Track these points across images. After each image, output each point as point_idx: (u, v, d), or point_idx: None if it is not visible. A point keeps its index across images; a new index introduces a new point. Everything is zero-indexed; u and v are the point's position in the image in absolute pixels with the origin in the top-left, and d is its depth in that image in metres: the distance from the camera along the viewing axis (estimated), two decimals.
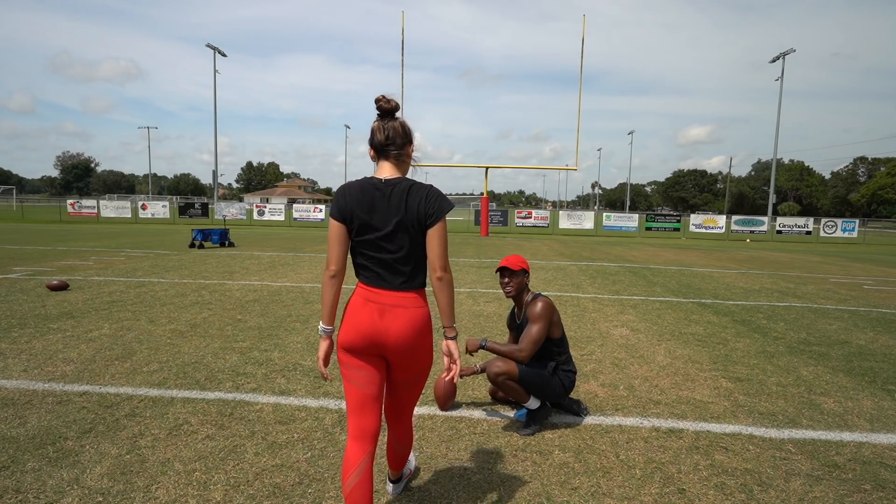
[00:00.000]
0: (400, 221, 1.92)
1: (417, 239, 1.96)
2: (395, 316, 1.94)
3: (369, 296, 1.96)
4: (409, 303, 1.97)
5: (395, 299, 1.95)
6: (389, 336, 1.94)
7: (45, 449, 2.78)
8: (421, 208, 1.94)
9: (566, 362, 3.34)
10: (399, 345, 1.96)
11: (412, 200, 1.93)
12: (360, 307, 1.96)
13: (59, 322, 5.46)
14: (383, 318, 1.94)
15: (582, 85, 23.61)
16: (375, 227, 1.94)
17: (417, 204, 1.94)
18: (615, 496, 2.50)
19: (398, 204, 1.93)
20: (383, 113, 2.00)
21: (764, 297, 8.40)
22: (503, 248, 16.88)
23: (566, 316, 6.45)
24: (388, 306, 1.94)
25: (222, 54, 40.54)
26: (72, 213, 29.33)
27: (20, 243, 14.27)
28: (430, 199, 1.96)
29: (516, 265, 3.23)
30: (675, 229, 27.87)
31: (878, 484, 2.67)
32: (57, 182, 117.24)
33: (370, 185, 1.96)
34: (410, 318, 1.96)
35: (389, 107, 1.99)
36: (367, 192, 1.95)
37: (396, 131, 1.98)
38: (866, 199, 74.00)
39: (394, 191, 1.94)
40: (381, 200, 1.94)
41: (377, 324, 1.94)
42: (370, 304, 1.95)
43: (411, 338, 1.96)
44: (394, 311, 1.94)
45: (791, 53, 35.61)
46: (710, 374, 4.39)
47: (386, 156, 1.99)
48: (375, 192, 1.94)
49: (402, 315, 1.95)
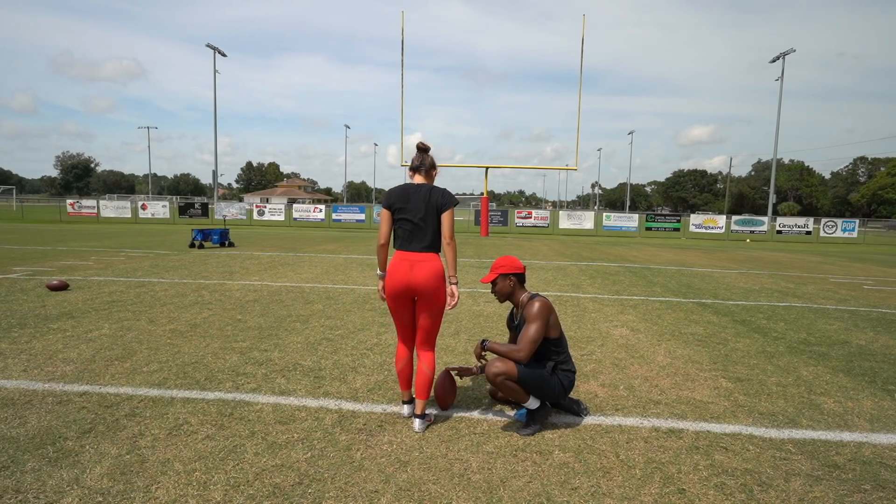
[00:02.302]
0: (426, 209, 3.10)
1: (435, 220, 3.11)
2: (421, 268, 3.06)
3: (403, 255, 3.10)
4: (429, 259, 3.09)
5: (420, 257, 3.08)
6: (418, 280, 3.05)
7: (45, 449, 2.78)
8: (438, 201, 3.13)
9: (565, 362, 3.34)
10: (424, 286, 3.06)
11: (433, 196, 3.13)
12: (398, 263, 3.10)
13: (59, 322, 5.46)
14: (413, 269, 3.06)
15: (582, 85, 23.62)
16: (410, 211, 3.11)
17: (436, 198, 3.13)
18: (615, 496, 2.50)
19: (425, 198, 3.12)
20: (420, 150, 3.28)
21: (764, 297, 8.40)
22: (503, 248, 16.88)
23: (566, 316, 6.45)
24: (416, 261, 3.07)
25: (222, 54, 40.54)
26: (72, 213, 29.33)
27: (20, 243, 14.27)
28: (445, 196, 3.16)
29: (492, 275, 3.43)
30: (675, 229, 27.86)
31: (878, 484, 2.67)
32: (57, 182, 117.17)
33: (408, 187, 3.18)
34: (431, 268, 3.07)
35: (425, 146, 3.30)
36: (406, 190, 3.16)
37: (426, 161, 3.26)
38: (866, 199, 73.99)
39: (421, 190, 3.15)
40: (414, 196, 3.13)
41: (409, 273, 3.06)
42: (404, 261, 3.08)
43: (432, 280, 3.06)
44: (419, 264, 3.07)
45: (791, 53, 35.62)
46: (710, 374, 4.39)
47: (419, 172, 3.25)
48: (411, 191, 3.15)
49: (426, 266, 3.07)
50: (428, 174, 3.25)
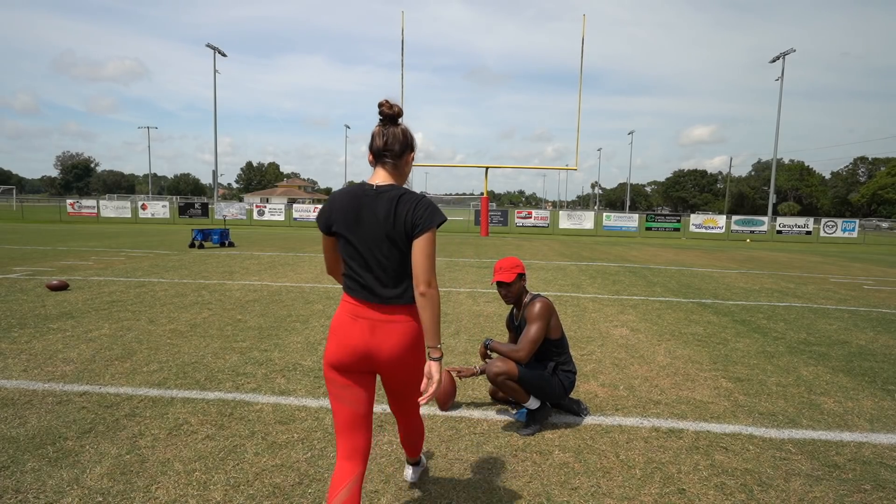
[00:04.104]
0: (388, 231, 1.83)
1: (406, 251, 1.85)
2: (388, 332, 1.87)
3: (357, 311, 1.88)
4: (401, 318, 1.88)
5: (385, 314, 1.87)
6: (382, 353, 1.88)
7: (45, 449, 2.78)
8: (408, 218, 1.82)
9: (566, 363, 3.34)
10: (393, 361, 1.90)
11: (401, 209, 1.83)
12: (349, 323, 1.88)
13: (59, 322, 5.46)
14: (375, 334, 1.87)
15: (582, 85, 23.63)
16: (360, 237, 1.86)
17: (406, 213, 1.83)
18: (615, 496, 2.50)
19: (386, 213, 1.83)
20: (385, 118, 1.91)
21: (764, 297, 8.40)
22: (503, 248, 16.88)
23: (566, 316, 6.45)
24: (379, 322, 1.87)
25: (222, 54, 40.54)
26: (72, 213, 29.33)
27: (20, 243, 14.27)
28: (419, 209, 1.83)
29: (511, 275, 3.22)
30: (675, 229, 27.86)
31: (878, 484, 2.67)
32: (57, 182, 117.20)
33: (360, 192, 1.88)
34: (403, 333, 1.88)
35: (392, 112, 1.91)
36: (355, 199, 1.87)
37: (396, 137, 1.90)
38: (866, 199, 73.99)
39: (383, 199, 1.85)
40: (368, 209, 1.85)
41: (369, 341, 1.87)
42: (359, 321, 1.87)
43: (405, 353, 1.90)
44: (385, 326, 1.87)
45: (791, 53, 35.62)
46: (710, 374, 4.39)
47: (382, 162, 1.92)
48: (363, 199, 1.86)
49: (395, 331, 1.88)
50: (396, 166, 1.94)
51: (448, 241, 19.39)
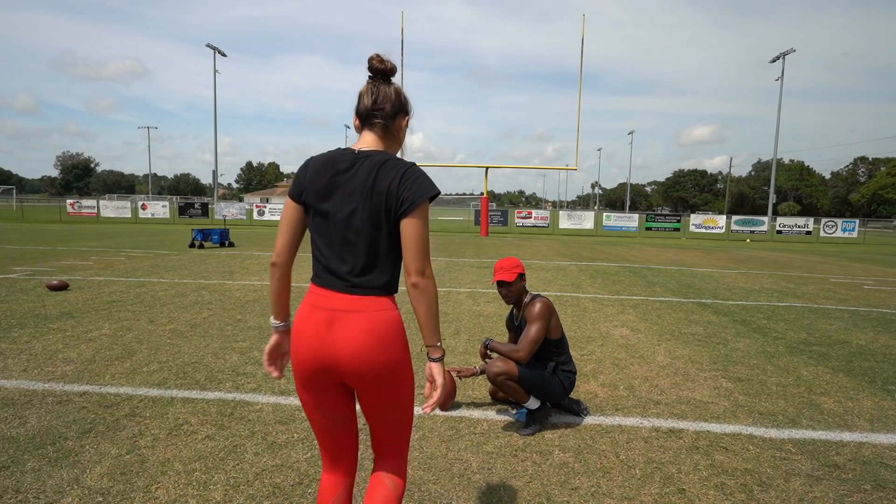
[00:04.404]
0: (364, 203, 1.49)
1: (387, 229, 1.51)
2: (347, 324, 1.47)
3: (317, 300, 1.52)
4: (367, 306, 1.50)
5: (347, 303, 1.49)
6: (340, 353, 1.47)
7: (45, 449, 2.78)
8: (392, 190, 1.48)
9: (566, 363, 3.34)
10: (355, 365, 1.47)
11: (382, 178, 1.49)
12: (306, 317, 1.52)
13: (59, 322, 5.46)
14: (332, 328, 1.48)
15: (582, 85, 23.63)
16: (333, 208, 1.52)
17: (389, 183, 1.48)
18: (615, 496, 2.50)
19: (364, 181, 1.50)
20: (376, 74, 1.61)
21: (764, 297, 8.40)
22: (503, 248, 16.88)
23: (566, 316, 6.45)
24: (339, 312, 1.49)
25: (222, 54, 40.54)
26: (72, 213, 29.33)
27: (20, 243, 14.27)
28: (407, 179, 1.50)
29: (512, 274, 3.23)
30: (675, 229, 27.86)
31: (878, 484, 2.67)
32: (57, 182, 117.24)
33: (338, 157, 1.55)
34: (369, 326, 1.48)
35: (384, 67, 1.60)
36: (332, 164, 1.54)
37: (387, 96, 1.59)
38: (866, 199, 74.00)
39: (363, 165, 1.52)
40: (345, 175, 1.52)
41: (324, 337, 1.48)
42: (317, 312, 1.51)
43: (371, 352, 1.47)
44: (345, 317, 1.48)
45: (792, 53, 35.62)
46: (710, 374, 4.39)
47: (371, 125, 1.60)
48: (341, 165, 1.53)
49: (357, 322, 1.48)
50: (387, 130, 1.62)
51: (448, 241, 19.39)
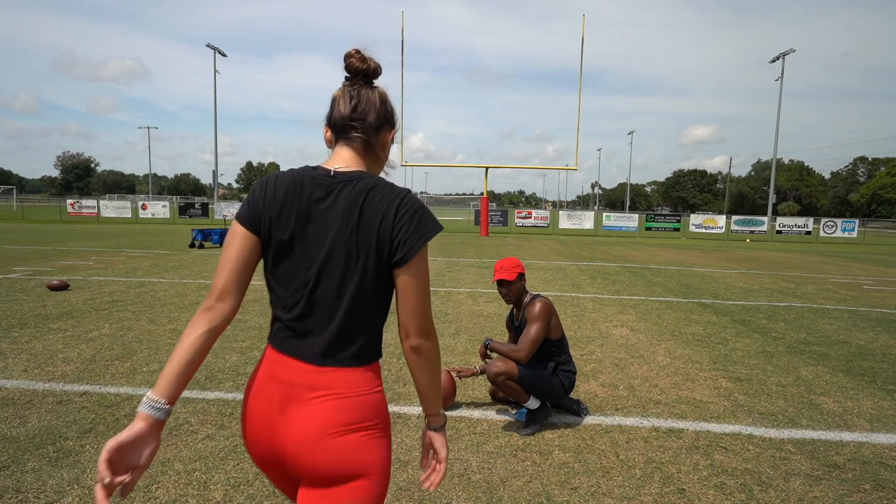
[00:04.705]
0: (346, 244, 1.15)
1: (375, 279, 1.16)
2: (306, 407, 1.11)
3: (275, 368, 1.17)
4: (339, 384, 1.13)
5: (312, 377, 1.13)
6: (288, 443, 1.11)
7: (46, 449, 2.78)
8: (384, 229, 1.14)
9: (566, 363, 3.34)
10: (304, 464, 1.11)
11: (370, 210, 1.15)
12: (260, 389, 1.17)
13: (60, 322, 5.47)
14: (286, 410, 1.12)
15: (582, 85, 23.61)
16: (303, 249, 1.17)
17: (380, 220, 1.14)
18: (615, 496, 2.51)
19: (346, 213, 1.15)
20: (355, 75, 1.25)
21: (764, 297, 8.40)
22: (503, 248, 16.88)
23: (566, 316, 6.45)
24: (299, 388, 1.13)
25: (222, 54, 40.54)
26: (72, 213, 29.33)
27: (20, 243, 14.27)
28: (403, 214, 1.15)
29: (512, 274, 3.25)
30: (675, 229, 27.87)
31: (877, 484, 2.67)
32: (57, 182, 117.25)
33: (309, 179, 1.19)
34: (334, 412, 1.11)
35: (366, 67, 1.24)
36: (302, 189, 1.18)
37: (371, 104, 1.24)
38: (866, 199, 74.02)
39: (343, 191, 1.17)
40: (320, 205, 1.17)
41: (274, 420, 1.13)
42: (272, 385, 1.15)
43: (331, 452, 1.09)
44: (306, 397, 1.12)
45: (792, 53, 35.63)
46: (710, 374, 4.39)
47: (348, 138, 1.24)
48: (315, 191, 1.17)
49: (318, 408, 1.11)
50: (369, 146, 1.27)
51: (448, 241, 19.40)
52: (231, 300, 1.17)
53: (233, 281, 1.17)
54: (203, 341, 1.13)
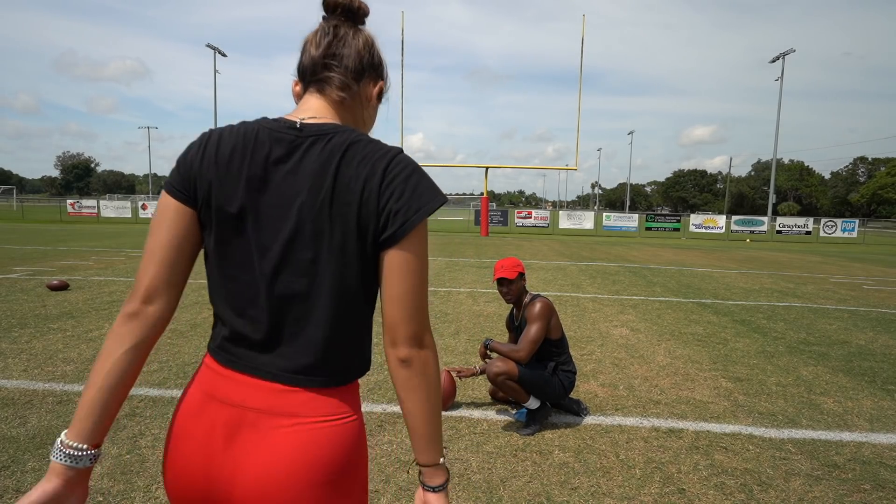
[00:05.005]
0: (316, 218, 0.86)
1: (357, 266, 0.88)
2: (263, 442, 0.84)
3: (217, 386, 0.89)
4: (307, 407, 0.87)
5: (271, 398, 0.86)
6: (237, 492, 0.84)
7: (46, 449, 2.78)
8: (369, 196, 0.86)
9: (566, 363, 3.34)
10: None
11: (349, 173, 0.86)
12: (194, 413, 0.88)
13: (60, 322, 5.47)
14: (233, 442, 0.85)
15: (582, 85, 23.62)
16: (256, 226, 0.88)
17: (363, 184, 0.86)
18: (615, 496, 2.51)
19: (318, 177, 0.86)
20: (333, 10, 0.97)
21: (764, 297, 8.40)
22: (503, 248, 16.88)
23: (566, 316, 6.46)
24: (255, 414, 0.86)
25: (222, 54, 40.53)
26: (72, 213, 29.34)
27: (20, 243, 14.27)
28: (394, 177, 0.87)
29: (513, 273, 3.25)
30: (675, 229, 27.87)
31: (877, 484, 2.67)
32: (57, 182, 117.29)
33: (265, 133, 0.90)
34: (300, 444, 0.84)
35: (349, 3, 0.97)
36: (256, 146, 0.89)
37: (352, 45, 0.96)
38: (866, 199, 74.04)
39: (314, 148, 0.88)
40: (281, 167, 0.88)
41: (216, 455, 0.85)
42: (213, 407, 0.87)
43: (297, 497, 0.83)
44: (263, 424, 0.85)
45: (791, 53, 35.63)
46: (710, 374, 4.39)
47: (319, 81, 0.96)
48: (274, 149, 0.89)
49: (281, 438, 0.84)
50: (347, 93, 0.96)
51: (448, 241, 19.40)
52: (162, 301, 0.89)
53: (163, 275, 0.89)
54: (129, 360, 0.87)
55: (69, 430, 0.85)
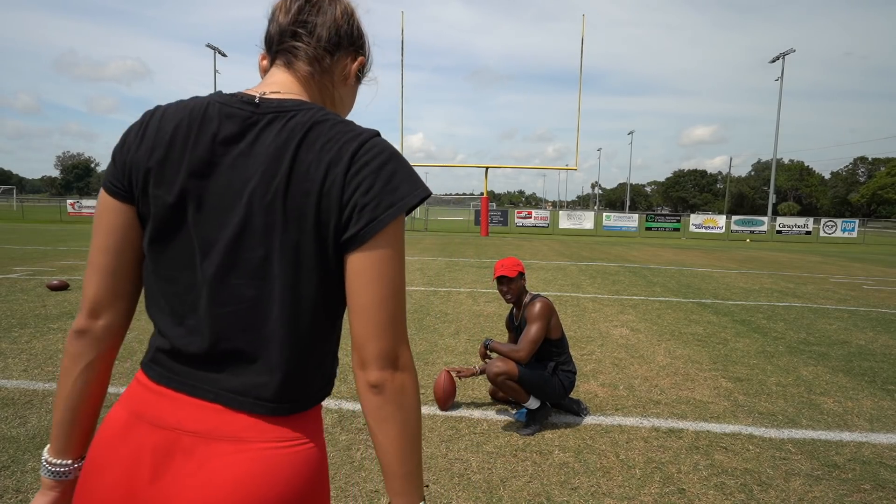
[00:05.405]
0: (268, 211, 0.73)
1: (317, 269, 0.75)
2: (200, 469, 0.71)
3: (147, 405, 0.76)
4: (252, 431, 0.73)
5: (210, 419, 0.73)
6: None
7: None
8: (332, 186, 0.73)
9: (566, 363, 3.35)
10: None
11: (309, 157, 0.73)
12: (118, 437, 0.75)
13: (60, 322, 5.47)
14: (163, 473, 0.72)
15: (582, 85, 23.62)
16: (200, 219, 0.75)
17: (325, 171, 0.73)
18: (615, 496, 2.51)
19: (273, 161, 0.74)
20: None
21: (764, 297, 8.40)
22: (503, 248, 16.88)
23: (566, 316, 6.46)
24: (191, 438, 0.73)
25: (222, 54, 40.53)
26: (72, 213, 29.33)
27: (20, 243, 14.27)
28: (363, 165, 0.74)
29: (513, 271, 3.26)
30: (675, 229, 27.88)
31: (877, 484, 2.67)
32: (57, 182, 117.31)
33: (215, 109, 0.78)
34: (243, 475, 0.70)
35: None
36: (203, 123, 0.77)
37: (325, 13, 0.84)
38: (866, 199, 74.06)
39: (271, 127, 0.75)
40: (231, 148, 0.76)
41: (139, 490, 0.72)
42: (141, 431, 0.74)
43: None
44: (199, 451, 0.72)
45: (791, 53, 35.64)
46: (710, 374, 4.39)
47: (285, 51, 0.84)
48: (223, 126, 0.76)
49: (221, 468, 0.71)
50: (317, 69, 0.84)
51: (448, 241, 19.40)
52: (110, 315, 0.80)
53: (107, 285, 0.79)
54: (87, 379, 0.81)
55: (49, 448, 0.83)
